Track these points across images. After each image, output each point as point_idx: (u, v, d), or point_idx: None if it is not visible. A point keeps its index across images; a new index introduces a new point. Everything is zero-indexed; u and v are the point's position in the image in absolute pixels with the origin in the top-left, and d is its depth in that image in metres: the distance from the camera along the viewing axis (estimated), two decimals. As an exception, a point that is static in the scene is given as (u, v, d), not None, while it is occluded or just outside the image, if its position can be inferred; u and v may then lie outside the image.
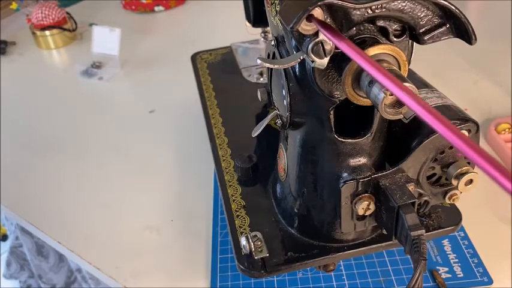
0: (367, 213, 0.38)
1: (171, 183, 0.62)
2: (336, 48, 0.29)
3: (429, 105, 0.20)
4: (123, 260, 0.53)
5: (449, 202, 0.42)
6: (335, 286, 0.48)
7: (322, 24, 0.29)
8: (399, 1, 0.29)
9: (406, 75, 0.31)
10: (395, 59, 0.30)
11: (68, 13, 1.04)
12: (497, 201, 0.56)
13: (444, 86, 0.47)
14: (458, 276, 0.47)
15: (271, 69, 0.42)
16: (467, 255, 0.49)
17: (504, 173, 0.16)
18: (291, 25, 0.29)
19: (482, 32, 0.43)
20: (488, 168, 0.17)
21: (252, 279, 0.48)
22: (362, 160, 0.38)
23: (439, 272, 0.48)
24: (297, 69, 0.35)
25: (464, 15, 0.29)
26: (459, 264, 0.48)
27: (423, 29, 0.31)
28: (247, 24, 0.56)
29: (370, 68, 0.24)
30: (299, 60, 0.33)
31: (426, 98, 0.40)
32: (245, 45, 0.75)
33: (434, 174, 0.40)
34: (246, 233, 0.45)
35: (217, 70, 0.72)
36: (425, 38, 0.31)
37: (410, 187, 0.36)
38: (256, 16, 0.53)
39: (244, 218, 0.47)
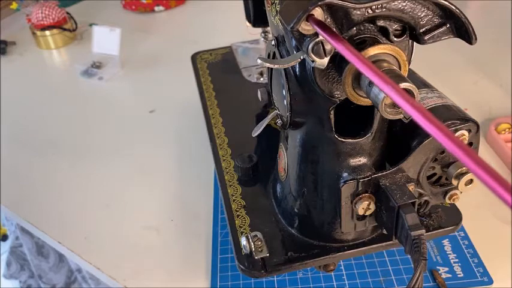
0: (367, 213, 0.38)
1: (171, 183, 0.62)
2: (336, 48, 0.29)
3: (424, 108, 0.20)
4: (123, 260, 0.53)
5: (449, 202, 0.42)
6: (335, 286, 0.48)
7: (320, 25, 0.29)
8: (399, 1, 0.29)
9: (406, 75, 0.31)
10: (396, 58, 0.30)
11: (68, 13, 1.04)
12: (497, 201, 0.55)
13: (444, 86, 0.47)
14: (459, 276, 0.47)
15: (272, 69, 0.42)
16: (468, 255, 0.49)
17: (499, 181, 0.16)
18: (291, 25, 0.29)
19: (483, 32, 0.43)
20: (481, 173, 0.16)
21: (252, 279, 0.48)
22: (362, 160, 0.38)
23: (439, 272, 0.48)
24: (297, 69, 0.35)
25: (464, 15, 0.29)
26: (459, 264, 0.48)
27: (423, 29, 0.31)
28: (247, 24, 0.56)
29: (366, 69, 0.24)
30: (299, 60, 0.33)
31: (426, 98, 0.40)
32: (245, 45, 0.75)
33: (434, 174, 0.40)
34: (246, 233, 0.45)
35: (217, 70, 0.72)
36: (426, 37, 0.31)
37: (411, 187, 0.36)
38: (256, 16, 0.53)
39: (244, 217, 0.47)
